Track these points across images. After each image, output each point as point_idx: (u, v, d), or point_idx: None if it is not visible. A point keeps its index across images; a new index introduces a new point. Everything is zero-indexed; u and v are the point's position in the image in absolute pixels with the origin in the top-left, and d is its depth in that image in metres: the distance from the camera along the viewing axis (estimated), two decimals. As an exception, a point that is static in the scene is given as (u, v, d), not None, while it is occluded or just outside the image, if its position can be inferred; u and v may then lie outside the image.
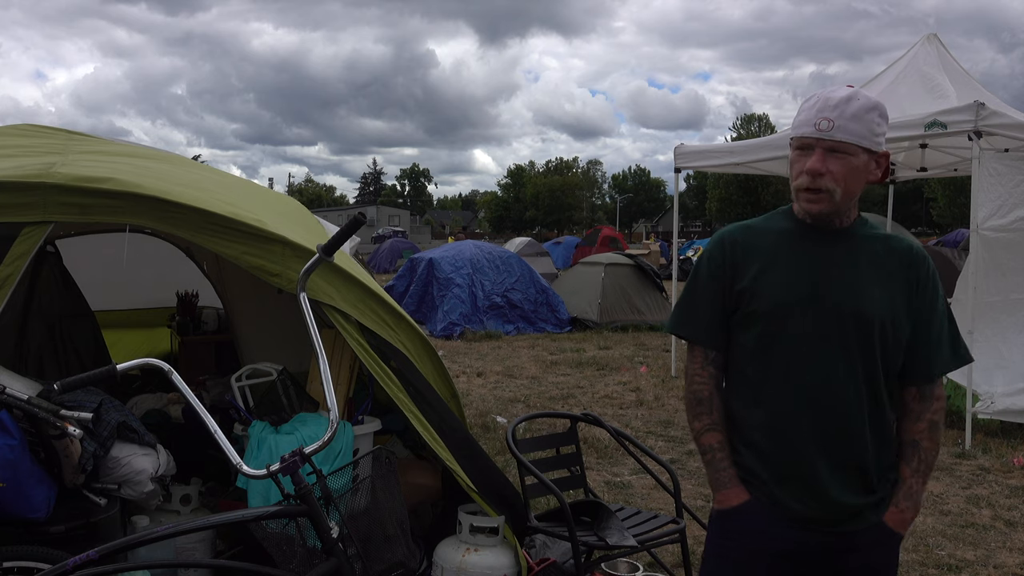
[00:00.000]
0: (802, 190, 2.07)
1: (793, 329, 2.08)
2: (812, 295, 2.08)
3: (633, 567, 3.80)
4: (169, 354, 6.82)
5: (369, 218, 24.56)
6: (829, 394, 2.06)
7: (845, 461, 2.07)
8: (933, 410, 2.16)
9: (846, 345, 2.06)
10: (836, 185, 2.03)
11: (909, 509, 2.14)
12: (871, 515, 2.12)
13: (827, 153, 2.02)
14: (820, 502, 2.08)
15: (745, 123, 72.84)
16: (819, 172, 2.02)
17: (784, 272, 2.11)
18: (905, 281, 2.12)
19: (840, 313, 2.06)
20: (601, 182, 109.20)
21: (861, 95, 2.04)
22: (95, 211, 3.09)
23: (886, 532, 2.13)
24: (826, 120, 2.01)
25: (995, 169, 6.87)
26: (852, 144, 2.01)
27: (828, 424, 2.06)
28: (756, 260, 2.14)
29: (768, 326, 2.10)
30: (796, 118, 2.11)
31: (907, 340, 2.12)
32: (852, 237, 2.14)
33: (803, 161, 2.06)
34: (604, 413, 7.89)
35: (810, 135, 2.03)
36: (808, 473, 2.07)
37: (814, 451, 2.07)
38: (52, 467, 3.21)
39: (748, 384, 2.16)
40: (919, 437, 2.15)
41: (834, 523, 2.09)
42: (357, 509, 2.49)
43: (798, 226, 2.16)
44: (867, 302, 2.07)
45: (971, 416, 6.81)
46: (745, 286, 2.13)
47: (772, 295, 2.10)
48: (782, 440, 2.09)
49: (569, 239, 35.92)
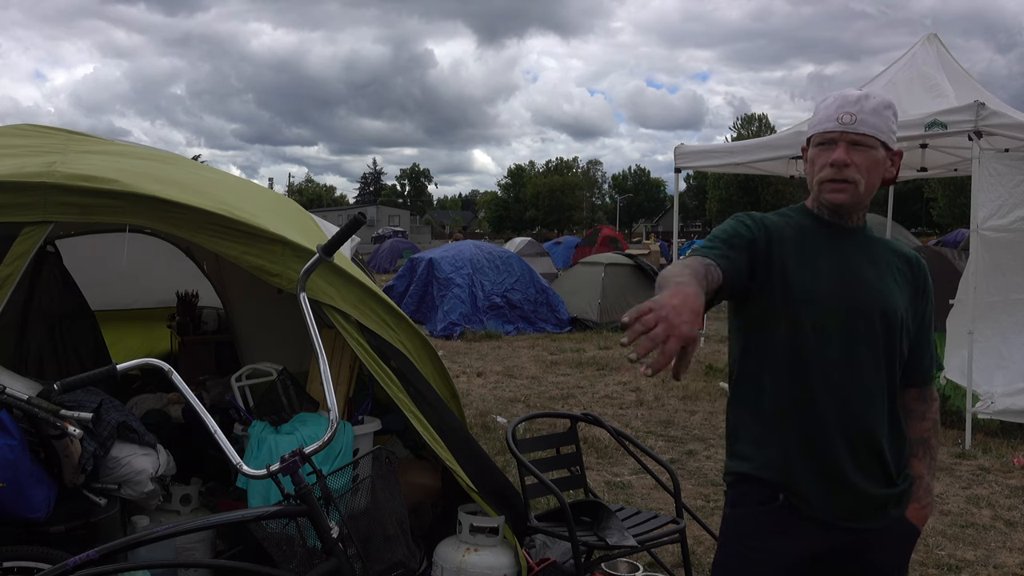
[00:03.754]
0: (826, 181, 2.09)
1: (824, 324, 2.06)
2: (842, 291, 2.09)
3: (633, 567, 3.80)
4: (169, 354, 6.82)
5: (369, 218, 24.54)
6: (856, 390, 2.07)
7: (869, 456, 2.09)
8: (934, 409, 2.24)
9: (874, 342, 2.08)
10: (860, 176, 2.07)
11: (929, 505, 2.20)
12: (893, 510, 2.13)
13: (850, 146, 2.06)
14: (848, 495, 2.07)
15: (745, 123, 72.88)
16: (845, 163, 2.05)
17: (812, 265, 2.10)
18: (913, 285, 2.18)
19: (869, 310, 2.08)
20: (601, 182, 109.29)
21: (876, 94, 2.11)
22: (95, 211, 3.09)
23: (908, 528, 2.17)
24: (848, 114, 2.06)
25: (995, 169, 6.87)
26: (873, 137, 2.06)
27: (855, 419, 2.07)
28: (784, 247, 2.10)
29: (798, 318, 2.07)
30: (814, 118, 2.14)
31: (912, 341, 2.17)
32: (866, 237, 2.18)
33: (826, 155, 2.08)
34: (604, 413, 7.89)
35: (834, 129, 2.07)
36: (836, 467, 2.06)
37: (841, 445, 2.06)
38: (52, 467, 3.21)
39: (774, 378, 2.11)
40: (928, 435, 2.21)
41: (860, 517, 2.09)
42: (357, 509, 2.49)
43: (817, 222, 2.17)
44: (891, 301, 2.10)
45: (971, 416, 6.81)
46: (776, 269, 2.07)
47: (803, 286, 2.07)
48: (809, 435, 2.08)
49: (569, 239, 35.91)
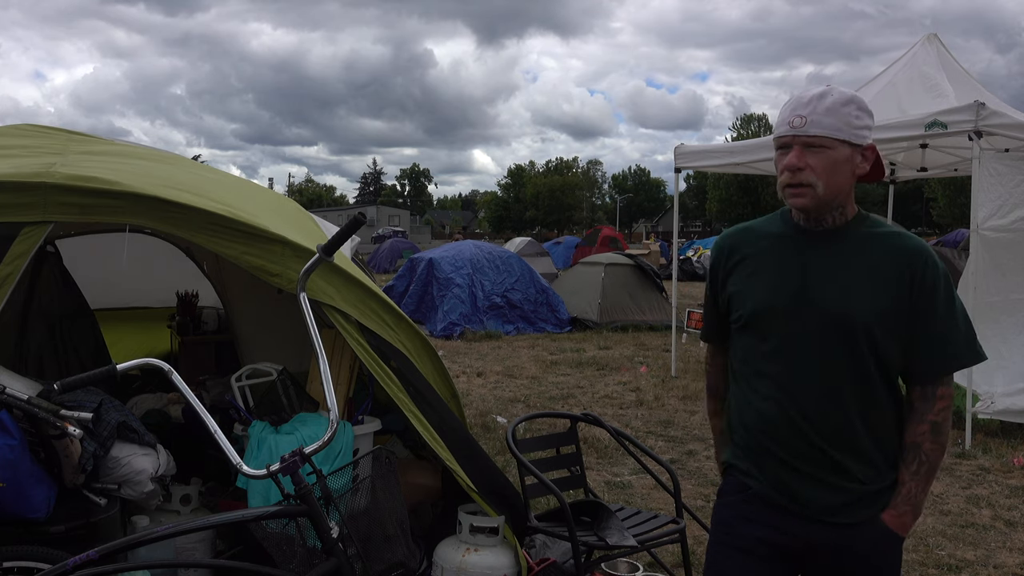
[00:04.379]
0: (785, 186, 2.12)
1: (776, 332, 2.15)
2: (797, 298, 2.12)
3: (633, 567, 3.80)
4: (169, 354, 6.82)
5: (369, 218, 24.53)
6: (808, 395, 2.11)
7: (826, 458, 2.11)
8: (936, 410, 2.11)
9: (828, 347, 2.09)
10: (817, 179, 2.06)
11: (908, 513, 2.13)
12: (862, 509, 2.12)
13: (804, 149, 2.06)
14: (808, 491, 2.13)
15: (744, 123, 72.88)
16: (797, 167, 2.07)
17: (771, 276, 2.18)
18: (901, 279, 2.08)
19: (824, 316, 2.09)
20: (601, 182, 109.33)
21: (836, 91, 2.08)
22: (95, 211, 3.09)
23: (883, 531, 2.13)
24: (799, 117, 2.06)
25: (995, 169, 6.87)
26: (827, 137, 2.05)
27: (809, 423, 2.11)
28: (746, 265, 2.24)
29: (755, 330, 2.19)
30: (776, 120, 2.18)
31: (907, 339, 2.09)
32: (845, 236, 2.13)
33: (782, 159, 2.11)
34: (604, 413, 7.89)
35: (786, 133, 2.09)
36: (786, 473, 2.15)
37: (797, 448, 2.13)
38: (52, 467, 3.21)
39: (741, 386, 2.26)
40: (920, 440, 2.12)
41: (821, 512, 2.13)
42: (357, 509, 2.49)
43: (791, 228, 2.20)
44: (855, 303, 2.07)
45: (971, 416, 6.81)
46: (733, 291, 2.25)
47: (756, 300, 2.18)
48: (765, 440, 2.18)
49: (569, 239, 35.91)
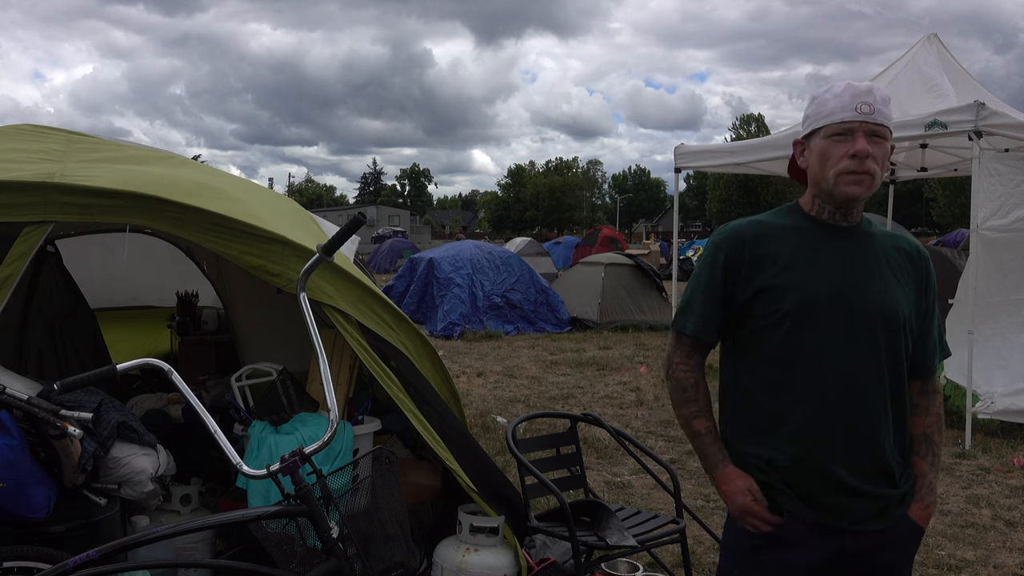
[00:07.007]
0: (845, 173, 2.03)
1: (821, 329, 2.04)
2: (840, 294, 2.05)
3: (633, 567, 3.80)
4: (169, 354, 6.82)
5: (369, 218, 24.50)
6: (856, 395, 2.05)
7: (871, 461, 2.07)
8: (937, 403, 2.21)
9: (875, 345, 2.05)
10: (877, 167, 2.04)
11: (933, 504, 2.16)
12: (896, 510, 2.11)
13: (867, 137, 2.02)
14: (850, 500, 2.06)
15: (744, 123, 72.93)
16: (868, 154, 2.01)
17: (808, 270, 2.07)
18: (916, 279, 2.14)
19: (869, 312, 2.05)
20: (601, 182, 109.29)
21: (877, 86, 2.08)
22: (95, 211, 3.09)
23: (912, 527, 2.13)
24: (866, 104, 2.02)
25: (995, 169, 6.86)
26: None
27: (856, 425, 2.05)
28: (774, 258, 2.09)
29: (795, 326, 2.05)
30: (822, 108, 2.08)
31: (915, 335, 2.15)
32: (864, 235, 2.13)
33: (844, 146, 2.03)
34: (604, 413, 7.89)
35: (853, 119, 2.02)
36: (835, 473, 2.05)
37: (840, 451, 2.04)
38: (52, 467, 3.21)
39: (772, 387, 2.09)
40: (931, 432, 2.17)
41: (863, 521, 2.07)
42: (357, 509, 2.49)
43: (810, 223, 2.13)
44: (892, 300, 2.07)
45: (971, 416, 6.81)
46: (767, 284, 2.07)
47: (798, 293, 2.05)
48: (810, 442, 2.05)
49: (569, 239, 35.93)
